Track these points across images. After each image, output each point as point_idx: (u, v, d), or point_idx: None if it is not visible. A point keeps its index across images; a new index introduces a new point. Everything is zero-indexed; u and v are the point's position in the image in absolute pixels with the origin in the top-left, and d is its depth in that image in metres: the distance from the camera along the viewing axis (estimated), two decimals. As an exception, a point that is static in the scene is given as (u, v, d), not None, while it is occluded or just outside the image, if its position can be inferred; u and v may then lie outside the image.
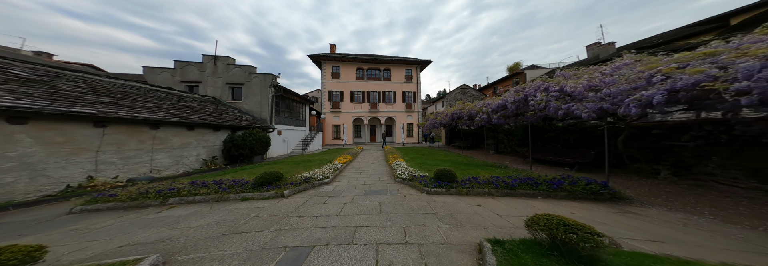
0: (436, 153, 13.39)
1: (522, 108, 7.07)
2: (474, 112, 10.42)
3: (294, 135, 16.54)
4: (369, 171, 8.05)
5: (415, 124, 25.08)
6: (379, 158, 12.03)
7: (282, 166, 8.86)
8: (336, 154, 12.89)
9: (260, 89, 13.12)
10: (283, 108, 15.51)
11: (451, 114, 13.13)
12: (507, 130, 12.72)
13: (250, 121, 11.73)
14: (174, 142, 7.49)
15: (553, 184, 4.76)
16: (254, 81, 13.15)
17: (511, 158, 11.24)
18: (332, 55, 23.87)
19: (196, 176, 7.29)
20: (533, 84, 6.69)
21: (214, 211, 4.12)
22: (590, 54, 19.22)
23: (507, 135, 12.68)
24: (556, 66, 25.69)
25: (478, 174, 6.76)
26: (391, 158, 9.97)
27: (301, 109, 18.59)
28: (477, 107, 10.12)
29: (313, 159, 11.22)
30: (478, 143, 16.76)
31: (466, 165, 8.94)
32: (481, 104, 10.02)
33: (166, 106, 7.95)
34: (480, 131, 15.84)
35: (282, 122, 14.83)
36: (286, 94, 14.78)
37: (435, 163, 9.25)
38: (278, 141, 14.25)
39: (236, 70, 13.07)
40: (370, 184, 6.16)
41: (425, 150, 16.14)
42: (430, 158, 11.32)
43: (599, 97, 4.65)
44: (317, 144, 18.67)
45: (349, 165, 9.46)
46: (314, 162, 10.14)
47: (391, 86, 25.12)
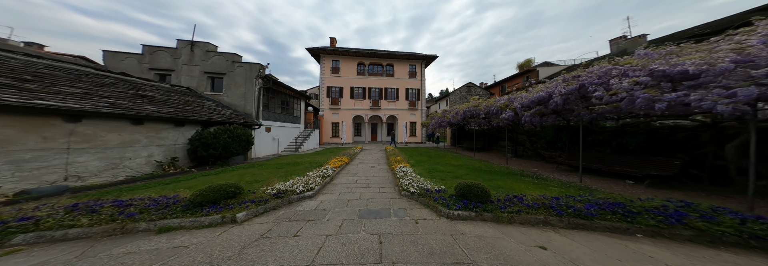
0: (445, 156, 11.42)
1: (574, 102, 5.06)
2: (494, 109, 8.43)
3: (286, 132, 14.60)
4: (367, 179, 6.16)
5: (418, 123, 23.10)
6: (380, 161, 10.07)
7: (260, 171, 6.94)
8: (331, 155, 10.96)
9: (245, 80, 11.17)
10: (273, 102, 13.57)
11: (462, 111, 11.14)
12: (529, 130, 10.71)
13: (230, 115, 9.79)
14: (109, 140, 5.55)
15: (669, 217, 2.79)
16: (238, 71, 11.21)
17: (537, 164, 9.26)
18: (332, 48, 21.90)
19: (145, 183, 5.38)
20: (596, 69, 4.69)
21: (84, 259, 2.24)
22: (614, 49, 17.38)
23: (529, 136, 10.66)
24: (570, 63, 23.62)
25: (510, 187, 4.82)
26: (393, 161, 8.03)
27: (296, 105, 16.63)
28: (499, 103, 8.12)
29: (302, 161, 9.29)
30: (489, 145, 14.73)
31: (487, 172, 6.97)
32: (504, 99, 8.01)
33: (104, 94, 6.01)
34: (494, 131, 13.84)
35: (271, 118, 12.89)
36: (276, 86, 12.82)
37: (447, 169, 7.29)
38: (266, 139, 12.32)
39: (217, 57, 11.13)
40: (368, 200, 4.30)
41: (431, 151, 14.16)
42: (440, 162, 9.35)
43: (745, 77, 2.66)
44: (313, 143, 16.74)
45: (343, 170, 7.57)
46: (302, 165, 8.22)
47: (394, 82, 23.12)
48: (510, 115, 7.17)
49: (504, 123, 7.90)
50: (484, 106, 9.39)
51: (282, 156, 11.42)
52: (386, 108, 22.82)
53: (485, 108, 9.20)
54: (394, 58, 23.20)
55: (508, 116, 7.23)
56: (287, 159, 9.84)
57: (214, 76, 11.12)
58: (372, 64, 23.35)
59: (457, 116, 11.96)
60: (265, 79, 11.96)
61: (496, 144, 13.91)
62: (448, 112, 14.14)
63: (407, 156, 10.50)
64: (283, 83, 13.19)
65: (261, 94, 11.69)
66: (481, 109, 9.56)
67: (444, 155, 11.92)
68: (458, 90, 29.40)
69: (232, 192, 3.68)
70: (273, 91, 13.30)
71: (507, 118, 7.26)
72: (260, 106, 11.60)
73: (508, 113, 7.21)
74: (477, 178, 5.95)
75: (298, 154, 12.55)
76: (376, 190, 5.10)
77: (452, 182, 5.21)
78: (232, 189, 3.72)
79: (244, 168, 7.42)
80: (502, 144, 13.62)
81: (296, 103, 16.68)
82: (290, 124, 15.19)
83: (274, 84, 12.56)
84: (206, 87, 10.99)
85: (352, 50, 22.05)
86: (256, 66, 11.54)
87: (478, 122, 11.24)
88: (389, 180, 6.08)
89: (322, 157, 10.53)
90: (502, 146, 13.56)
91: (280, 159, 9.96)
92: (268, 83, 12.10)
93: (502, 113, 7.70)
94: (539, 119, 6.35)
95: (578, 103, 5.06)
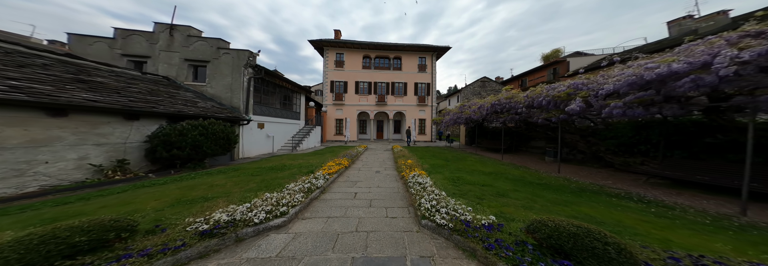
0: (465, 159, 9.41)
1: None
2: (545, 101, 6.35)
3: (283, 129, 12.85)
4: (370, 192, 4.35)
5: (428, 120, 21.05)
6: (386, 163, 8.18)
7: (227, 179, 5.15)
8: (330, 156, 9.14)
9: (232, 69, 9.41)
10: (269, 95, 11.81)
11: (489, 105, 9.08)
12: (584, 128, 8.59)
13: (211, 109, 8.04)
14: (7, 137, 3.81)
15: None
16: (224, 58, 9.44)
17: (600, 172, 7.20)
18: (336, 40, 19.99)
19: (62, 196, 3.65)
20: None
21: None
22: (674, 32, 14.54)
23: (584, 136, 8.49)
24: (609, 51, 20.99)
25: (615, 221, 2.74)
26: (403, 166, 6.17)
27: (296, 99, 14.86)
28: (556, 92, 6.05)
29: (292, 163, 7.49)
30: (517, 145, 12.55)
31: (543, 187, 4.99)
32: (564, 87, 5.94)
33: (14, 75, 4.27)
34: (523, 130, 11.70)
35: (265, 113, 11.14)
36: (270, 76, 11.03)
37: (479, 180, 5.33)
38: (259, 136, 10.58)
39: (200, 43, 9.38)
40: (368, 234, 2.58)
41: (446, 152, 12.14)
42: (462, 167, 7.38)
43: None
44: (314, 141, 14.97)
45: (341, 176, 5.74)
46: (290, 169, 6.42)
47: (402, 76, 21.09)
48: (579, 107, 5.10)
49: (562, 117, 5.89)
50: (525, 97, 7.32)
51: (275, 157, 9.66)
52: (393, 104, 20.84)
53: (527, 100, 7.14)
54: (402, 50, 21.13)
55: (577, 107, 5.15)
56: (276, 161, 8.06)
57: (197, 64, 9.38)
58: (378, 57, 21.35)
59: (481, 111, 9.90)
60: (256, 69, 10.17)
61: (526, 145, 11.78)
62: (467, 106, 12.08)
63: (419, 159, 8.54)
64: (278, 74, 11.39)
65: (251, 86, 9.91)
66: (520, 102, 7.50)
67: (463, 157, 9.92)
68: (471, 85, 27.18)
69: (108, 235, 1.85)
70: (267, 82, 11.53)
71: (576, 109, 5.19)
72: (250, 99, 9.83)
73: (577, 104, 5.14)
74: (534, 197, 3.97)
75: (294, 154, 10.78)
76: (381, 213, 3.23)
77: (495, 203, 3.31)
78: (109, 227, 1.88)
79: (212, 175, 5.63)
80: (534, 145, 11.49)
81: (296, 98, 14.91)
82: (288, 120, 13.43)
83: (267, 74, 10.77)
84: (187, 76, 9.27)
85: (358, 42, 20.08)
86: (245, 53, 9.75)
87: (509, 118, 9.18)
88: (399, 194, 4.20)
89: (319, 158, 8.69)
90: (535, 147, 11.43)
91: (268, 161, 8.18)
92: (260, 73, 10.31)
93: (561, 104, 5.65)
94: (642, 111, 4.27)
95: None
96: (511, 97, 8.27)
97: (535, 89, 7.17)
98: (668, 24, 14.91)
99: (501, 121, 13.00)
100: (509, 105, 8.25)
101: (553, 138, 10.34)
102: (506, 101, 8.32)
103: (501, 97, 8.61)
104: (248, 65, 9.79)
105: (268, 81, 11.38)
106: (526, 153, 11.47)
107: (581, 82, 5.62)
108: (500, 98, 8.73)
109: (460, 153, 11.84)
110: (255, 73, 10.22)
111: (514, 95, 8.23)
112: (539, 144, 11.14)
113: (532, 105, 7.21)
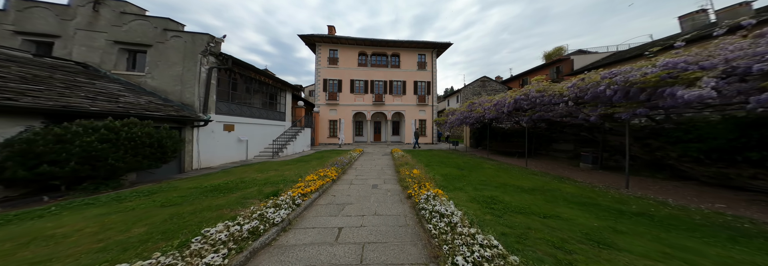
0: (483, 166, 7.06)
1: None
2: (610, 90, 4.05)
3: (262, 131, 10.51)
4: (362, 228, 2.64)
5: (429, 121, 18.74)
6: (386, 173, 5.93)
7: (116, 212, 2.79)
8: (317, 164, 6.88)
9: (183, 57, 7.09)
10: (243, 91, 9.51)
11: (513, 100, 6.78)
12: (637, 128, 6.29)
13: (146, 105, 5.70)
14: None
15: None
16: (173, 43, 7.13)
17: (679, 187, 4.88)
18: (329, 36, 17.74)
19: None
20: None
21: None
22: (687, 27, 13.03)
23: (640, 138, 6.15)
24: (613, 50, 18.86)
25: None
26: (408, 178, 4.08)
27: (281, 97, 12.54)
28: (636, 76, 3.75)
29: (256, 179, 5.18)
30: (535, 148, 10.19)
31: (649, 221, 2.61)
32: (658, 67, 3.63)
33: None
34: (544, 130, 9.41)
35: (237, 112, 8.81)
36: (241, 68, 8.71)
37: (528, 204, 3.01)
38: (226, 140, 8.23)
39: (138, 23, 7.04)
40: None
41: (454, 157, 9.78)
42: (485, 178, 5.08)
43: None
44: (302, 145, 12.60)
45: (323, 196, 3.53)
46: (246, 188, 4.18)
47: (400, 74, 18.82)
48: (709, 92, 2.78)
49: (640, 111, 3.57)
50: (571, 87, 5.01)
51: (243, 166, 7.28)
52: (391, 103, 18.54)
53: (574, 91, 4.83)
54: (400, 47, 18.89)
55: (707, 92, 2.83)
56: (236, 175, 5.69)
57: (133, 48, 7.03)
58: (375, 55, 19.11)
59: (499, 108, 7.59)
60: (220, 58, 7.84)
61: (547, 148, 9.45)
62: (477, 104, 9.78)
63: (426, 166, 6.25)
64: (251, 66, 9.06)
65: (213, 78, 7.58)
66: (560, 94, 5.20)
67: (478, 164, 7.59)
68: (471, 85, 24.97)
69: None
70: (241, 76, 9.20)
71: (704, 95, 2.87)
72: (210, 94, 7.49)
73: (708, 85, 2.82)
74: (670, 250, 1.65)
75: (272, 162, 8.42)
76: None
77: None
78: None
79: (91, 207, 3.25)
80: (557, 148, 9.16)
81: (280, 96, 12.57)
82: (269, 121, 11.08)
83: (236, 65, 8.45)
84: (117, 63, 6.89)
85: (353, 38, 17.82)
86: (203, 37, 7.43)
87: (536, 116, 6.88)
88: (409, 231, 2.30)
89: (300, 168, 6.36)
90: (559, 151, 9.08)
91: (224, 174, 5.82)
92: (225, 63, 7.98)
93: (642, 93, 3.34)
94: None
95: None
96: (543, 90, 5.96)
97: (588, 76, 4.86)
98: (680, 19, 13.41)
99: (515, 120, 10.73)
100: (541, 99, 5.96)
101: (586, 140, 8.02)
102: (537, 94, 6.01)
103: (529, 90, 6.30)
104: (208, 52, 7.46)
105: (243, 75, 9.06)
106: (549, 157, 9.15)
107: (685, 60, 3.31)
108: (528, 91, 6.42)
109: (471, 158, 9.51)
110: (219, 63, 7.90)
111: (547, 87, 5.93)
112: (565, 147, 8.83)
113: (580, 97, 4.91)
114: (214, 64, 7.73)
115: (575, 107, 5.48)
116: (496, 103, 7.91)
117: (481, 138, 14.21)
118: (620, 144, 6.31)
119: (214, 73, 7.72)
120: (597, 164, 6.68)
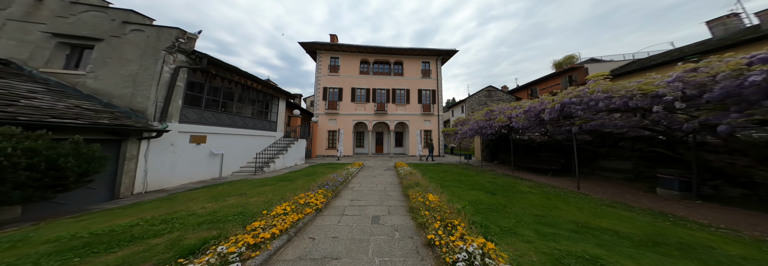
0: (517, 189, 5.10)
1: None
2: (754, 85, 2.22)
3: (246, 143, 8.79)
4: None
5: (435, 131, 16.93)
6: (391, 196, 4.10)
7: None
8: (302, 183, 5.10)
9: (142, 53, 5.54)
10: (223, 97, 7.94)
11: (558, 105, 5.00)
12: (760, 144, 4.37)
13: (61, 111, 4.00)
14: None
15: None
16: (132, 37, 5.62)
17: None
18: (330, 43, 16.52)
19: None
20: None
21: None
22: (718, 32, 11.54)
23: (764, 158, 4.18)
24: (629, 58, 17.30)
25: None
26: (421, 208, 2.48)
27: (272, 104, 10.95)
28: None
29: (200, 212, 3.31)
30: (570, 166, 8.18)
31: None
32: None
33: None
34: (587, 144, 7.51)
35: (211, 121, 7.16)
36: (220, 69, 7.14)
37: None
38: (193, 155, 6.49)
39: (91, 14, 5.57)
40: None
41: (473, 174, 7.81)
42: (535, 209, 3.11)
43: None
44: (294, 158, 10.81)
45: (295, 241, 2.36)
46: (159, 235, 2.18)
47: (404, 82, 17.33)
48: None
49: None
50: (672, 82, 3.23)
51: (210, 187, 5.43)
52: (394, 113, 16.87)
53: (680, 87, 3.04)
54: (403, 54, 17.56)
55: None
56: (175, 205, 3.85)
57: (78, 42, 5.47)
58: (377, 63, 17.77)
59: (534, 116, 5.79)
60: (193, 56, 6.29)
61: (594, 165, 7.41)
62: (497, 111, 8.04)
63: (442, 188, 4.39)
64: (234, 67, 7.51)
65: (179, 79, 5.97)
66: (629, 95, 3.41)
67: (510, 185, 5.63)
68: (476, 95, 23.43)
69: None
70: (223, 79, 7.64)
71: None
72: (175, 99, 5.84)
73: None
74: None
75: (252, 180, 6.59)
76: None
77: None
78: None
79: None
80: (605, 166, 7.15)
81: (272, 103, 10.98)
82: (256, 131, 9.38)
83: (214, 65, 6.88)
84: (50, 60, 5.25)
85: (354, 46, 16.57)
86: (171, 31, 5.91)
87: (593, 125, 5.06)
88: None
89: (277, 191, 4.53)
90: (608, 169, 7.08)
91: (158, 204, 3.97)
92: (199, 62, 6.41)
93: None
94: None
95: None
96: (608, 91, 4.18)
97: (711, 64, 3.08)
98: (708, 24, 12.12)
99: (543, 131, 8.86)
100: (605, 102, 4.16)
101: (657, 158, 6.04)
102: (601, 96, 4.23)
103: (595, 88, 4.50)
104: (176, 49, 5.91)
105: (224, 78, 7.49)
106: (595, 177, 7.14)
107: None
108: (581, 92, 4.64)
109: (493, 175, 7.55)
110: (190, 62, 6.33)
111: (622, 86, 4.14)
112: (619, 165, 6.86)
113: (689, 98, 3.11)
114: (183, 64, 6.16)
115: (664, 115, 3.64)
116: (528, 109, 6.11)
117: (496, 151, 12.27)
118: (729, 165, 4.35)
119: (183, 73, 6.12)
120: (689, 191, 4.69)
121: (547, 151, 9.17)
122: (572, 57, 18.92)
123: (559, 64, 19.37)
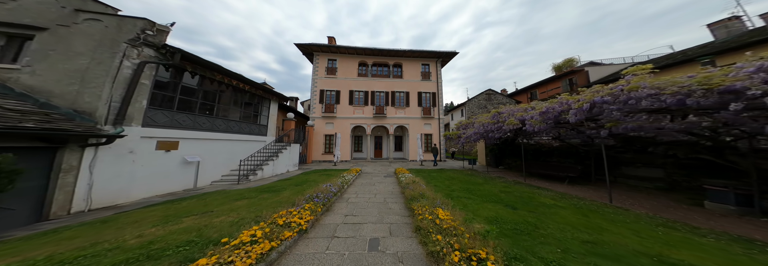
0: (539, 201, 4.11)
1: None
2: None
3: (231, 149, 7.86)
4: None
5: (435, 135, 16.00)
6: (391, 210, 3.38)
7: None
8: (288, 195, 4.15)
9: (95, 46, 4.68)
10: (196, 96, 7.05)
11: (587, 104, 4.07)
12: None
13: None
14: None
15: None
16: (85, 27, 4.77)
17: None
18: (328, 45, 15.78)
19: None
20: None
21: None
22: (721, 34, 11.06)
23: None
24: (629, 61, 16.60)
25: None
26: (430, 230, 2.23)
27: (262, 106, 10.06)
28: None
29: (132, 243, 2.30)
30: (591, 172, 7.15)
31: None
32: None
33: None
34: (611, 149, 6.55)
35: (186, 125, 6.25)
36: (197, 66, 6.27)
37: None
38: (165, 163, 5.56)
39: (37, 0, 4.73)
40: None
41: (482, 182, 6.81)
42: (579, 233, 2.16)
43: None
44: (286, 164, 9.86)
45: None
46: None
47: (403, 85, 16.52)
48: None
49: None
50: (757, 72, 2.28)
51: (173, 202, 4.47)
52: (394, 116, 15.98)
53: None
54: (402, 56, 16.82)
55: None
56: (110, 230, 2.87)
57: (13, 32, 4.59)
58: (376, 65, 17.00)
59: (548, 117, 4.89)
60: (163, 51, 5.42)
61: (617, 173, 6.42)
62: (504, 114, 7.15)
63: (452, 199, 3.44)
64: (215, 64, 6.64)
65: (143, 77, 5.08)
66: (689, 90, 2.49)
67: (529, 196, 4.65)
68: (476, 98, 22.65)
69: None
70: (204, 78, 6.76)
71: None
72: (138, 99, 4.94)
73: None
74: None
75: (230, 191, 5.62)
76: None
77: None
78: None
79: None
80: (630, 174, 6.18)
81: (262, 105, 10.09)
82: (242, 136, 8.45)
83: (189, 61, 6.00)
84: None
85: (352, 48, 15.83)
86: (138, 22, 5.08)
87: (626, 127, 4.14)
88: None
89: (255, 206, 3.57)
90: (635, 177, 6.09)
91: (104, 224, 3.01)
92: (170, 58, 5.54)
93: None
94: None
95: None
96: (660, 87, 3.28)
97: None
98: (709, 27, 11.75)
99: (554, 135, 7.93)
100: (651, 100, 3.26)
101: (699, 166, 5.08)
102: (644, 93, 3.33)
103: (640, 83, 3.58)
104: (141, 42, 5.05)
105: (204, 76, 6.61)
106: (619, 185, 6.15)
107: None
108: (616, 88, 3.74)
109: (504, 183, 6.57)
110: (160, 58, 5.45)
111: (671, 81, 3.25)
112: (648, 173, 5.89)
113: None
114: (151, 59, 5.28)
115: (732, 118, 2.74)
116: (545, 110, 5.20)
117: (502, 156, 11.31)
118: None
119: (149, 70, 5.24)
120: (749, 206, 3.73)
121: (559, 156, 8.22)
122: (572, 60, 18.23)
123: (559, 67, 18.67)
